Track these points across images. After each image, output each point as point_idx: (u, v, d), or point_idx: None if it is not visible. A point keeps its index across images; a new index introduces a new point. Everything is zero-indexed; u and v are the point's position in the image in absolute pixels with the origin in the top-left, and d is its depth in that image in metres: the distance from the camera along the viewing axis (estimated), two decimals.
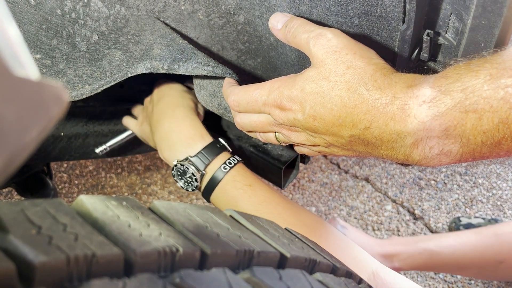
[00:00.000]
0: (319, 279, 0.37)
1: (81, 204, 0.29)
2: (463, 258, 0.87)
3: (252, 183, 0.60)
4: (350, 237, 0.88)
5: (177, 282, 0.26)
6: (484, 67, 0.37)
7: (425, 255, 0.87)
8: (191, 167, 0.60)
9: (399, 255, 0.87)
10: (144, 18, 0.61)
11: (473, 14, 0.43)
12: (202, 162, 0.61)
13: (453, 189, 1.37)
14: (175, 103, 0.66)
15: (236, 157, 0.62)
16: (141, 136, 0.76)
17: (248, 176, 0.61)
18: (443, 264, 0.88)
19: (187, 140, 0.63)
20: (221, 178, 0.60)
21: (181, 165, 0.61)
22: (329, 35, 0.45)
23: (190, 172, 0.61)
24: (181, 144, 0.62)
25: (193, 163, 0.61)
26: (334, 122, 0.44)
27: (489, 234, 0.88)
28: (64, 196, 1.31)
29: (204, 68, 0.56)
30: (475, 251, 0.87)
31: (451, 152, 0.40)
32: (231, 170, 0.61)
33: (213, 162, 0.61)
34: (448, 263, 0.88)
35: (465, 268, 0.88)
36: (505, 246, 0.86)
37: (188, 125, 0.64)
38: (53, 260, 0.22)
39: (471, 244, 0.87)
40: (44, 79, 0.19)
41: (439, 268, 0.90)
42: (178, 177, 0.63)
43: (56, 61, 0.61)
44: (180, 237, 0.30)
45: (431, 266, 0.88)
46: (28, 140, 0.18)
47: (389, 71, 0.43)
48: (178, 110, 0.65)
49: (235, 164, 0.61)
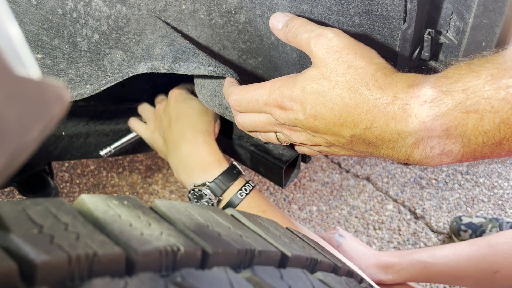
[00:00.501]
0: (320, 278, 0.37)
1: (83, 204, 0.29)
2: (457, 269, 0.87)
3: (265, 210, 0.63)
4: (347, 246, 0.89)
5: (178, 281, 0.26)
6: (485, 67, 0.37)
7: (418, 267, 0.88)
8: (208, 192, 0.63)
9: (393, 266, 0.88)
10: (145, 17, 0.61)
11: (474, 13, 0.43)
12: (219, 188, 0.63)
13: (454, 188, 1.37)
14: (196, 127, 0.68)
15: (250, 183, 0.65)
16: (151, 144, 0.76)
17: (262, 203, 0.64)
18: (437, 275, 0.88)
19: (205, 166, 0.65)
20: (237, 204, 0.63)
21: (199, 190, 0.63)
22: (330, 34, 0.45)
23: (207, 197, 0.63)
24: (199, 170, 0.65)
25: (211, 189, 0.63)
26: (335, 121, 0.44)
27: (483, 245, 0.88)
28: (66, 195, 1.31)
29: (205, 68, 0.56)
30: (470, 261, 0.87)
31: (452, 152, 0.40)
32: (247, 197, 0.63)
33: (230, 188, 0.64)
34: (443, 274, 0.88)
35: (460, 278, 0.89)
36: (499, 255, 0.86)
37: (207, 151, 0.66)
38: (55, 259, 0.22)
39: (465, 254, 0.88)
40: (45, 78, 0.19)
41: (434, 279, 0.90)
42: (194, 200, 0.65)
43: (57, 61, 0.61)
44: (182, 236, 0.30)
45: (425, 277, 0.89)
46: (30, 139, 0.18)
47: (390, 71, 0.43)
48: (199, 136, 0.67)
49: (250, 191, 0.64)
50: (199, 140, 0.66)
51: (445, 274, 0.88)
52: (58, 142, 0.78)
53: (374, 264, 0.87)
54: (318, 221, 1.28)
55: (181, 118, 0.69)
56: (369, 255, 0.88)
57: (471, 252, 0.88)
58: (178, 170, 0.66)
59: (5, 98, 0.17)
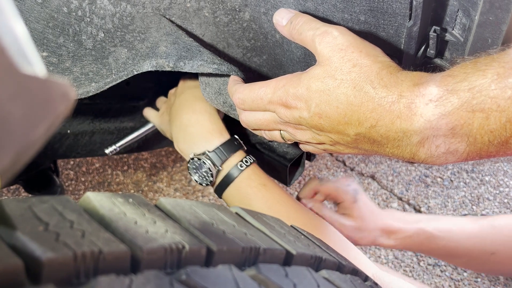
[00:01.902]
0: (325, 276, 0.37)
1: (88, 201, 0.29)
2: (457, 246, 0.86)
3: (265, 183, 0.61)
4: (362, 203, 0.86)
5: (183, 279, 0.26)
6: (492, 66, 0.37)
7: (422, 237, 0.86)
8: (208, 161, 0.61)
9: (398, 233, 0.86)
10: (150, 15, 0.61)
11: (480, 10, 0.43)
12: (219, 158, 0.62)
13: (460, 186, 1.36)
14: (197, 96, 0.67)
15: (251, 157, 0.63)
16: (160, 127, 0.76)
17: (262, 176, 0.62)
18: (437, 249, 0.87)
19: (205, 134, 0.63)
20: (237, 176, 0.61)
21: (198, 159, 0.62)
22: (335, 33, 0.45)
23: (207, 167, 0.61)
24: (199, 138, 0.63)
25: (210, 158, 0.62)
26: (340, 120, 0.44)
27: (486, 225, 0.87)
28: (71, 193, 1.32)
29: (209, 66, 0.56)
30: (470, 240, 0.86)
31: (457, 151, 0.40)
32: (247, 169, 0.62)
33: (230, 159, 0.62)
34: (443, 249, 0.87)
35: (456, 256, 0.88)
36: (499, 237, 0.86)
37: (207, 119, 0.64)
38: (61, 256, 0.22)
39: (468, 232, 0.87)
40: (51, 76, 0.19)
41: (432, 252, 0.89)
42: (193, 170, 0.63)
43: (63, 59, 0.62)
44: (186, 234, 0.30)
45: (425, 248, 0.88)
46: (35, 137, 0.18)
47: (395, 69, 0.43)
48: (199, 104, 0.66)
49: (251, 163, 0.63)
50: (199, 108, 0.65)
51: (444, 250, 0.87)
52: (63, 140, 0.79)
53: (380, 227, 0.85)
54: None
55: (185, 91, 0.68)
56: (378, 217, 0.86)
57: (474, 230, 0.87)
58: (178, 139, 0.65)
59: (11, 96, 0.17)
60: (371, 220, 0.84)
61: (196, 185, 1.35)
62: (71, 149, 0.80)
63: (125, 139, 0.79)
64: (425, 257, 1.16)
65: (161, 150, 1.45)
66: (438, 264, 1.14)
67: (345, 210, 0.84)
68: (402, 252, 1.17)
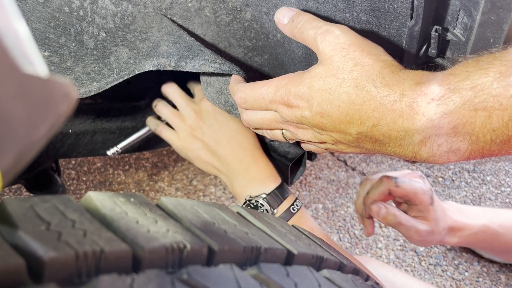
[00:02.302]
0: (326, 276, 0.37)
1: (90, 201, 0.29)
2: None
3: (312, 227, 0.65)
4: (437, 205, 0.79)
5: (184, 278, 0.26)
6: (494, 64, 0.37)
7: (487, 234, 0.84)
8: (266, 204, 0.65)
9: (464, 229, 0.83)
10: (151, 15, 0.61)
11: (482, 10, 0.43)
12: (275, 201, 0.65)
13: (461, 186, 1.36)
14: (252, 143, 0.69)
15: (300, 201, 0.68)
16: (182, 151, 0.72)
17: (309, 220, 0.67)
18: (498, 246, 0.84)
19: (263, 179, 0.67)
20: (289, 219, 0.65)
21: (256, 201, 0.65)
22: (337, 31, 0.45)
23: (264, 209, 0.65)
24: (258, 182, 0.67)
25: (268, 201, 0.65)
26: (342, 119, 0.44)
27: None
28: (73, 192, 1.32)
29: (211, 65, 0.56)
30: None
31: (459, 150, 0.40)
32: (298, 212, 0.65)
33: (284, 203, 0.66)
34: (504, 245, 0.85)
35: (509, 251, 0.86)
36: None
37: (265, 166, 0.68)
38: (62, 256, 0.22)
39: None
40: (52, 76, 0.19)
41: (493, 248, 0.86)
42: None
43: (64, 59, 0.62)
44: (188, 233, 0.30)
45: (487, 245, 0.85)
46: (37, 136, 0.18)
47: (397, 68, 0.43)
48: (257, 152, 0.69)
49: (300, 207, 0.66)
50: (258, 155, 0.69)
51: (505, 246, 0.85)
52: (65, 140, 0.79)
53: (448, 226, 0.81)
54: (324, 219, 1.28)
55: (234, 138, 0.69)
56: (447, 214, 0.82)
57: None
58: (238, 182, 0.68)
59: (12, 96, 0.17)
60: (443, 221, 0.80)
61: (197, 184, 1.35)
62: (73, 148, 0.80)
63: (127, 140, 0.79)
64: (426, 256, 1.16)
65: (163, 150, 1.45)
66: (439, 264, 1.14)
67: (419, 212, 0.77)
68: (403, 252, 1.17)
